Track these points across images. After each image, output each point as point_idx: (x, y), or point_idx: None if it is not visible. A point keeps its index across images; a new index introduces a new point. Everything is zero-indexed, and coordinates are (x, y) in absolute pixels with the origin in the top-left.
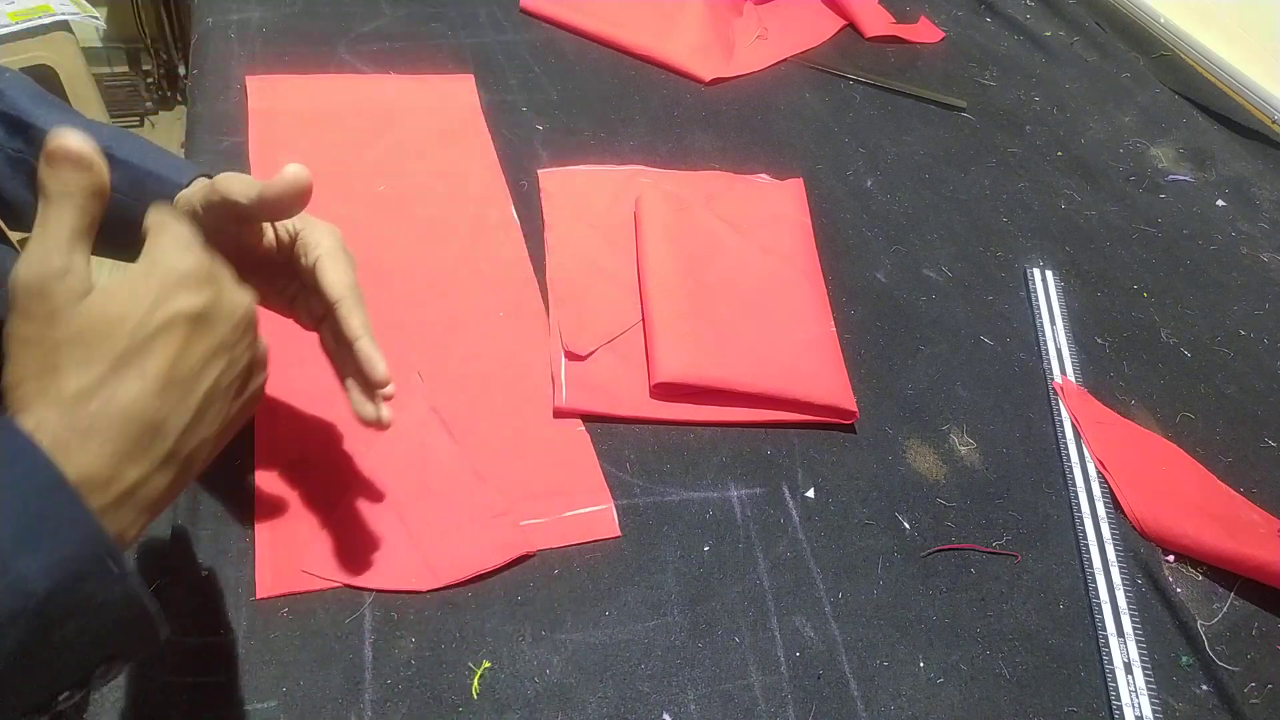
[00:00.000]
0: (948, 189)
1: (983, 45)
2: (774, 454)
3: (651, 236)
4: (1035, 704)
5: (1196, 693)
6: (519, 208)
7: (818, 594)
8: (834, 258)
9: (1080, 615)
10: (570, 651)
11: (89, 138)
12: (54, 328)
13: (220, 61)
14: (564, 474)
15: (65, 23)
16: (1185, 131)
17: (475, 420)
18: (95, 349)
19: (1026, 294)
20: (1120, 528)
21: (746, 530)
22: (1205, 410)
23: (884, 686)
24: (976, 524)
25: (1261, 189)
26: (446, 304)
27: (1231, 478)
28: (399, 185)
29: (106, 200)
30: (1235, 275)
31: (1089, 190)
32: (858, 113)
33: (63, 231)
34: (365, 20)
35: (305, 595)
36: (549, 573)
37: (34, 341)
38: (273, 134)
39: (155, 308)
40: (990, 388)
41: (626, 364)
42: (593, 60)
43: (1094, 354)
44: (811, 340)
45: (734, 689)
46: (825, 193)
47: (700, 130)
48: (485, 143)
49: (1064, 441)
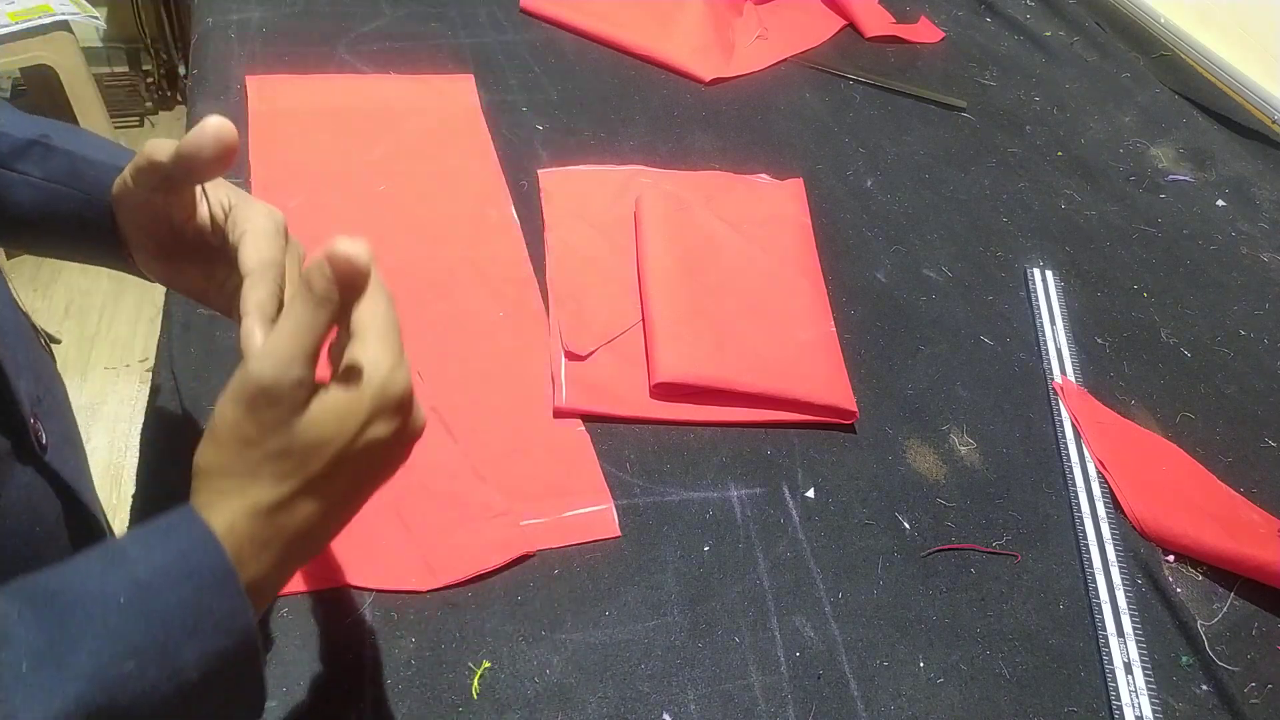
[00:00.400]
0: (948, 189)
1: (983, 45)
2: (774, 454)
3: (651, 236)
4: (1035, 704)
5: (1196, 693)
6: (519, 208)
7: (818, 594)
8: (834, 258)
9: (1080, 615)
10: (570, 651)
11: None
12: (274, 437)
13: (220, 61)
14: (564, 474)
15: (65, 23)
16: (1185, 131)
17: (475, 420)
18: (297, 467)
19: (1026, 294)
20: (1120, 528)
21: (746, 530)
22: (1205, 410)
23: (884, 686)
24: (976, 524)
25: (1261, 189)
26: (446, 304)
27: (1231, 478)
28: (399, 185)
29: None
30: (1235, 275)
31: (1089, 190)
32: (858, 113)
33: (311, 342)
34: (365, 20)
35: (305, 595)
36: (549, 573)
37: (253, 443)
38: (273, 134)
39: (358, 435)
40: (990, 388)
41: (626, 364)
42: (593, 60)
43: (1094, 354)
44: (811, 340)
45: (734, 689)
46: (825, 193)
47: (700, 130)
48: (485, 143)
49: (1064, 441)
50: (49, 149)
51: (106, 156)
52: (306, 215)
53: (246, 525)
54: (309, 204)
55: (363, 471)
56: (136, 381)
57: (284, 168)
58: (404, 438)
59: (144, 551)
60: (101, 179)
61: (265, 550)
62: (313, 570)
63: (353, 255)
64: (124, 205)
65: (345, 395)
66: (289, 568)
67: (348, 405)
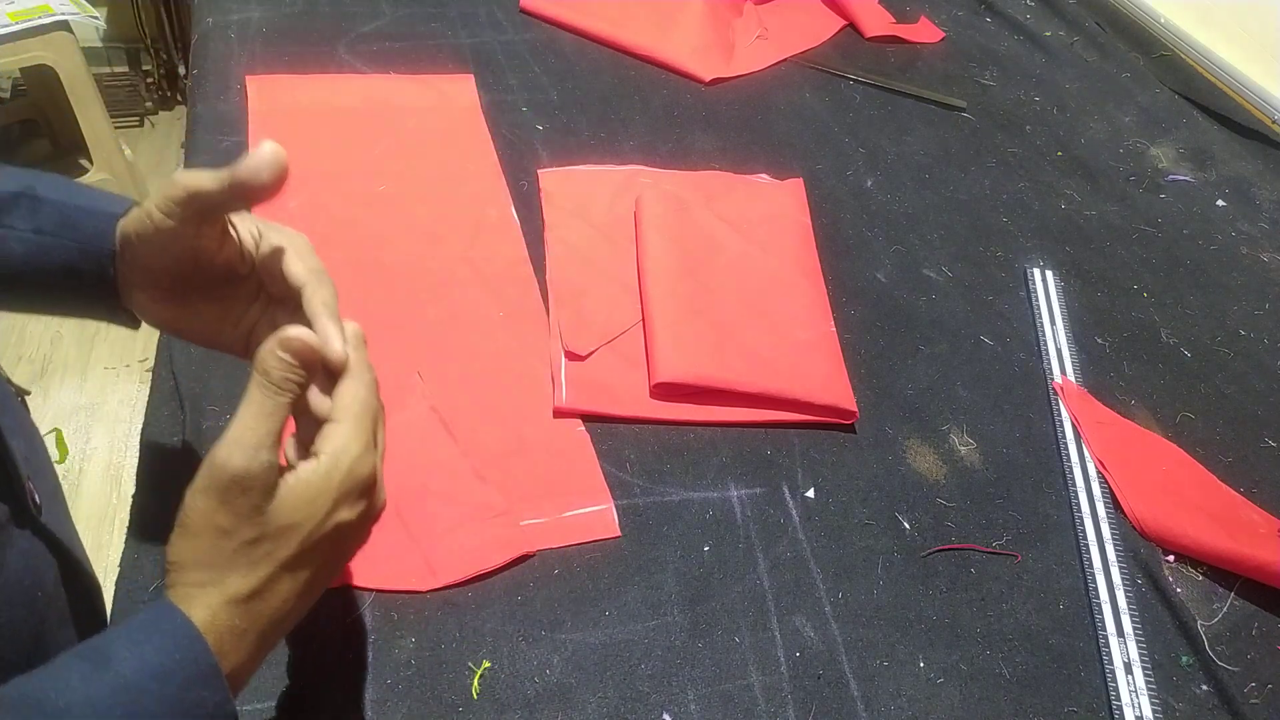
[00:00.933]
0: (948, 189)
1: (983, 45)
2: (774, 454)
3: (651, 236)
4: (1035, 704)
5: (1196, 693)
6: (519, 208)
7: (818, 594)
8: (834, 258)
9: (1080, 615)
10: (570, 651)
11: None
12: (247, 525)
13: (220, 61)
14: (564, 474)
15: (65, 23)
16: (1185, 131)
17: (475, 420)
18: (270, 553)
19: (1026, 294)
20: (1120, 528)
21: (746, 530)
22: (1205, 410)
23: (884, 686)
24: (976, 524)
25: (1261, 189)
26: (446, 304)
27: (1231, 478)
28: (399, 185)
29: None
30: (1235, 275)
31: (1089, 190)
32: (858, 113)
33: (275, 426)
34: (365, 20)
35: None
36: (549, 573)
37: (227, 532)
38: (273, 134)
39: (327, 519)
40: (990, 388)
41: (626, 364)
42: (593, 60)
43: (1094, 354)
44: (811, 340)
45: (734, 689)
46: (825, 193)
47: (700, 130)
48: (485, 143)
49: (1064, 441)
50: (37, 200)
51: (101, 204)
52: (306, 215)
53: (226, 617)
54: (309, 204)
55: (330, 552)
56: (136, 381)
57: None
58: (367, 520)
59: (128, 650)
60: (99, 227)
61: (244, 639)
62: None
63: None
64: (143, 244)
65: (314, 479)
66: (265, 651)
67: (317, 489)
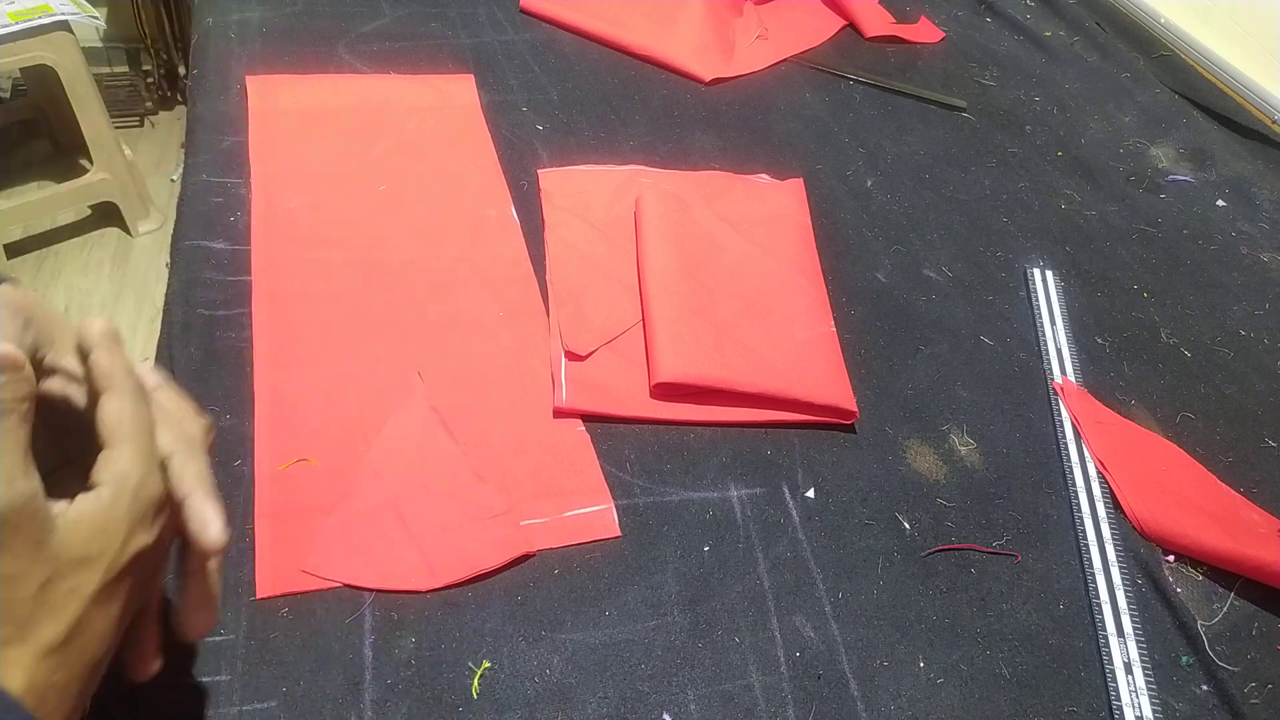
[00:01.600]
0: (948, 189)
1: (983, 45)
2: (774, 454)
3: (651, 236)
4: (1035, 704)
5: (1196, 693)
6: (519, 208)
7: (818, 594)
8: (834, 258)
9: (1080, 615)
10: (570, 651)
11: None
12: (36, 566)
13: (220, 61)
14: (564, 474)
15: (65, 23)
16: (1185, 131)
17: (475, 420)
18: (74, 591)
19: (1026, 294)
20: (1120, 528)
21: (746, 530)
22: (1205, 410)
23: (884, 686)
24: (976, 524)
25: (1261, 189)
26: (446, 304)
27: (1231, 478)
28: (399, 185)
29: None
30: (1235, 275)
31: (1089, 190)
32: (858, 113)
33: (19, 449)
34: (365, 20)
35: (305, 595)
36: (549, 573)
37: (16, 578)
38: (273, 134)
39: (124, 549)
40: (990, 388)
41: (626, 364)
42: (593, 60)
43: (1094, 354)
44: (811, 340)
45: (734, 689)
46: (825, 193)
47: (700, 130)
48: (485, 142)
49: (1064, 441)
50: None
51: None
52: (306, 215)
53: (45, 674)
54: (309, 204)
55: (136, 578)
56: None
57: (284, 167)
58: (167, 537)
59: None
60: None
61: (67, 688)
62: (313, 570)
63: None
64: None
65: (99, 511)
66: (92, 685)
67: (105, 519)
